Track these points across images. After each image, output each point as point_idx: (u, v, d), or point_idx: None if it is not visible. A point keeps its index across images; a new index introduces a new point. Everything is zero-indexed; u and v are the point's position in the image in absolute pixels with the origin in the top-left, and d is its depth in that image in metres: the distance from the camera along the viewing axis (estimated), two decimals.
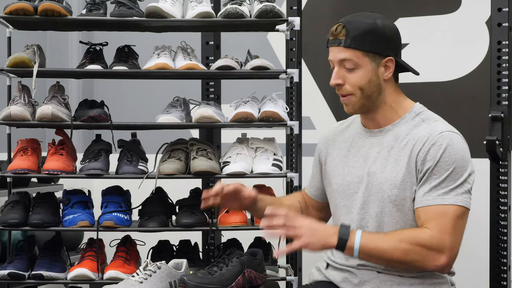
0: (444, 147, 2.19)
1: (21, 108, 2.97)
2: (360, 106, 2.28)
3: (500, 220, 2.91)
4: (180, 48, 3.16)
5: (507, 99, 2.90)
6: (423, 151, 2.20)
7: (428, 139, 2.21)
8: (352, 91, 2.25)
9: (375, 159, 2.29)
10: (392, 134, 2.29)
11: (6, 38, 3.11)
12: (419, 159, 2.21)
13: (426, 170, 2.19)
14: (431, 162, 2.19)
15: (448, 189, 2.17)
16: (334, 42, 2.26)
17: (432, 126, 2.25)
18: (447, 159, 2.18)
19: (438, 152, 2.18)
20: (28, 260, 3.00)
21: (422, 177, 2.20)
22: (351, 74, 2.25)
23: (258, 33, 3.43)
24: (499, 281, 2.91)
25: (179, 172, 3.00)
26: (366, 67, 2.24)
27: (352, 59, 2.23)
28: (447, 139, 2.20)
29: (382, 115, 2.30)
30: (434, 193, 2.17)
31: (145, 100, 4.31)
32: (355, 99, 2.27)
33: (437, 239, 2.14)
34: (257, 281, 2.58)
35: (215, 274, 2.48)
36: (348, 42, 2.23)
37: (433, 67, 3.90)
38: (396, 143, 2.26)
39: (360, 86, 2.24)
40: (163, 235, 3.11)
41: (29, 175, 3.02)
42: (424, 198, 2.19)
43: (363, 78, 2.24)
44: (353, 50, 2.23)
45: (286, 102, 3.20)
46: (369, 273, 2.26)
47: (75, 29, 3.53)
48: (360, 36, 2.23)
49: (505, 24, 2.89)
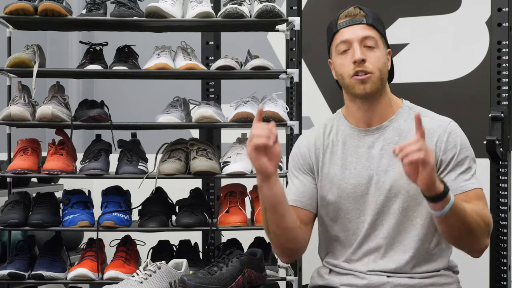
0: (459, 134, 2.28)
1: (21, 108, 2.97)
2: (376, 88, 2.28)
3: (500, 220, 2.90)
4: (180, 48, 3.16)
5: (507, 99, 2.90)
6: (441, 140, 2.26)
7: (442, 128, 2.27)
8: (372, 69, 2.26)
9: (380, 157, 2.28)
10: (392, 129, 2.30)
11: (6, 38, 3.11)
12: (439, 149, 2.25)
13: (450, 158, 2.25)
14: (453, 150, 2.25)
15: (472, 173, 2.26)
16: (355, 21, 2.30)
17: (435, 118, 2.31)
18: (465, 146, 2.27)
19: (456, 140, 2.26)
20: (28, 260, 3.00)
21: (446, 166, 2.25)
22: (371, 53, 2.27)
23: (258, 33, 3.43)
24: (499, 281, 2.91)
25: (179, 172, 3.00)
26: (382, 49, 2.30)
27: (374, 37, 2.28)
28: (455, 127, 2.30)
29: (381, 105, 2.31)
30: (465, 177, 2.24)
31: (145, 100, 4.31)
32: (375, 78, 2.27)
33: (490, 220, 2.21)
34: (257, 281, 2.58)
35: (215, 274, 2.48)
36: (370, 20, 2.29)
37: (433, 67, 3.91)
38: (401, 138, 2.27)
39: (379, 67, 2.27)
40: (163, 235, 3.11)
41: (29, 175, 3.02)
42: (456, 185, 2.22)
43: (381, 59, 2.28)
44: (374, 29, 2.29)
45: (286, 102, 3.20)
46: (379, 278, 2.25)
47: (75, 29, 3.53)
48: (376, 19, 2.31)
49: (505, 24, 2.89)
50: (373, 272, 2.26)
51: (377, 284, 2.24)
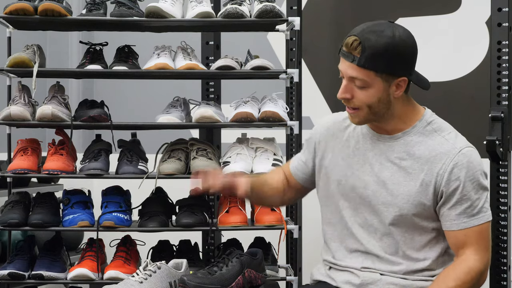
0: (466, 166, 2.17)
1: (21, 108, 2.97)
2: (366, 120, 2.22)
3: (500, 220, 2.91)
4: (180, 48, 3.16)
5: (507, 99, 2.90)
6: (445, 170, 2.17)
7: (448, 158, 2.18)
8: (359, 106, 2.18)
9: (384, 168, 2.24)
10: (403, 143, 2.23)
11: (6, 38, 3.11)
12: (441, 179, 2.18)
13: (452, 191, 2.17)
14: (456, 182, 2.17)
15: (479, 207, 2.18)
16: (348, 57, 2.15)
17: (449, 141, 2.21)
18: (471, 178, 2.17)
19: (461, 172, 2.17)
20: (28, 260, 3.00)
21: (448, 198, 2.18)
22: (360, 91, 2.17)
23: (258, 33, 3.43)
24: (499, 281, 2.91)
25: (179, 172, 3.00)
26: (377, 86, 2.16)
27: (363, 79, 2.14)
28: (467, 157, 2.18)
29: (390, 125, 2.25)
30: (468, 214, 2.18)
31: (145, 100, 4.31)
32: (362, 114, 2.20)
33: (483, 261, 2.18)
34: (257, 281, 2.58)
35: (215, 274, 2.48)
36: (362, 61, 2.12)
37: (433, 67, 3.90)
38: (408, 155, 2.22)
39: (369, 103, 2.17)
40: (163, 235, 3.11)
41: (29, 175, 3.02)
42: (459, 221, 2.18)
43: (373, 97, 2.17)
44: (366, 70, 2.14)
45: (286, 102, 3.20)
46: (372, 275, 2.25)
47: (75, 29, 3.53)
48: (375, 56, 2.12)
49: (505, 24, 2.89)
50: (367, 269, 2.26)
51: (370, 281, 2.25)
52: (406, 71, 2.18)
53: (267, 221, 2.96)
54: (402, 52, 2.15)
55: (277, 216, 2.97)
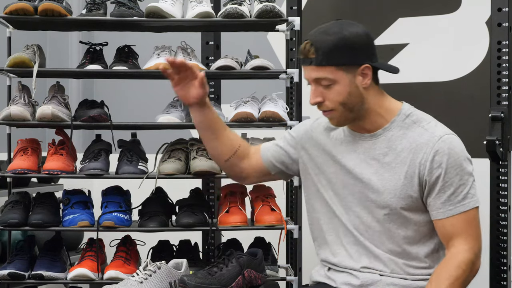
0: (447, 152, 2.18)
1: (21, 108, 2.97)
2: (344, 119, 2.25)
3: (500, 220, 2.91)
4: (180, 48, 3.16)
5: (507, 99, 2.90)
6: (426, 159, 2.19)
7: (429, 147, 2.20)
8: (333, 107, 2.22)
9: (368, 166, 2.27)
10: (384, 139, 2.26)
11: (6, 38, 3.10)
12: (424, 168, 2.19)
13: (435, 179, 2.18)
14: (439, 170, 2.18)
15: (464, 193, 2.19)
16: (305, 61, 2.23)
17: (429, 131, 2.23)
18: (453, 164, 2.18)
19: (443, 159, 2.18)
20: (28, 260, 3.00)
21: (432, 186, 2.19)
22: (329, 91, 2.21)
23: (258, 33, 3.42)
24: (499, 281, 2.91)
25: (179, 172, 3.00)
26: (343, 80, 2.20)
27: (327, 77, 2.20)
28: (447, 144, 2.20)
29: (369, 122, 2.27)
30: (453, 201, 2.18)
31: (145, 100, 4.31)
32: (338, 113, 2.24)
33: (473, 250, 2.18)
34: (257, 281, 2.58)
35: (215, 275, 2.48)
36: (319, 60, 2.19)
37: (433, 67, 3.91)
38: (390, 150, 2.24)
39: (341, 101, 2.21)
40: (163, 235, 3.11)
41: (29, 175, 3.02)
42: (445, 209, 2.19)
43: (342, 93, 2.20)
44: (325, 67, 2.19)
45: (286, 102, 3.20)
46: (372, 276, 2.26)
47: (75, 29, 3.53)
48: (329, 51, 2.18)
49: (505, 24, 2.89)
50: (366, 270, 2.26)
51: (370, 282, 2.25)
52: (366, 58, 2.22)
53: (267, 221, 2.96)
54: (354, 42, 2.20)
55: (277, 216, 2.97)
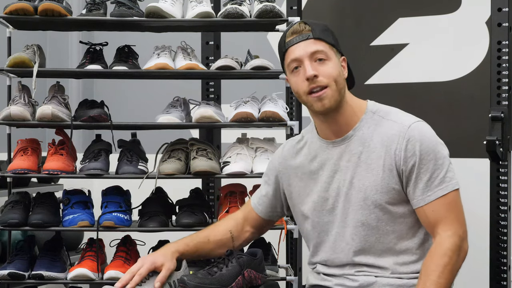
0: (419, 139, 2.20)
1: (21, 108, 2.97)
2: (335, 101, 2.25)
3: (500, 220, 2.91)
4: (180, 48, 3.16)
5: (507, 99, 2.90)
6: (400, 149, 2.20)
7: (400, 136, 2.21)
8: (327, 82, 2.23)
9: (346, 169, 2.27)
10: (357, 139, 2.27)
11: (6, 38, 3.11)
12: (399, 158, 2.20)
13: (411, 167, 2.19)
14: (413, 158, 2.19)
15: (440, 177, 2.19)
16: (302, 37, 2.26)
17: (397, 122, 2.25)
18: (427, 149, 2.19)
19: (415, 147, 2.19)
20: (28, 260, 3.00)
21: (409, 175, 2.20)
22: (323, 66, 2.24)
23: (258, 33, 3.42)
24: (499, 281, 2.91)
25: (179, 172, 3.00)
26: (334, 59, 2.26)
27: (323, 50, 2.24)
28: (417, 130, 2.21)
29: (344, 116, 2.28)
30: (431, 186, 2.19)
31: (145, 100, 4.31)
32: (331, 91, 2.24)
33: (457, 234, 2.17)
34: (257, 281, 2.57)
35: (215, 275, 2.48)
36: (317, 33, 2.25)
37: (433, 67, 3.91)
38: (364, 148, 2.25)
39: (334, 77, 2.23)
40: (163, 235, 3.11)
41: (29, 175, 3.02)
42: (424, 195, 2.19)
43: (335, 69, 2.24)
44: (322, 41, 2.25)
45: (286, 102, 3.20)
46: (367, 278, 2.26)
47: (75, 29, 3.53)
48: (323, 30, 2.28)
49: (505, 24, 2.89)
50: (361, 272, 2.27)
51: (366, 284, 2.25)
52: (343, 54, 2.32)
53: None
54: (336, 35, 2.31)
55: None
